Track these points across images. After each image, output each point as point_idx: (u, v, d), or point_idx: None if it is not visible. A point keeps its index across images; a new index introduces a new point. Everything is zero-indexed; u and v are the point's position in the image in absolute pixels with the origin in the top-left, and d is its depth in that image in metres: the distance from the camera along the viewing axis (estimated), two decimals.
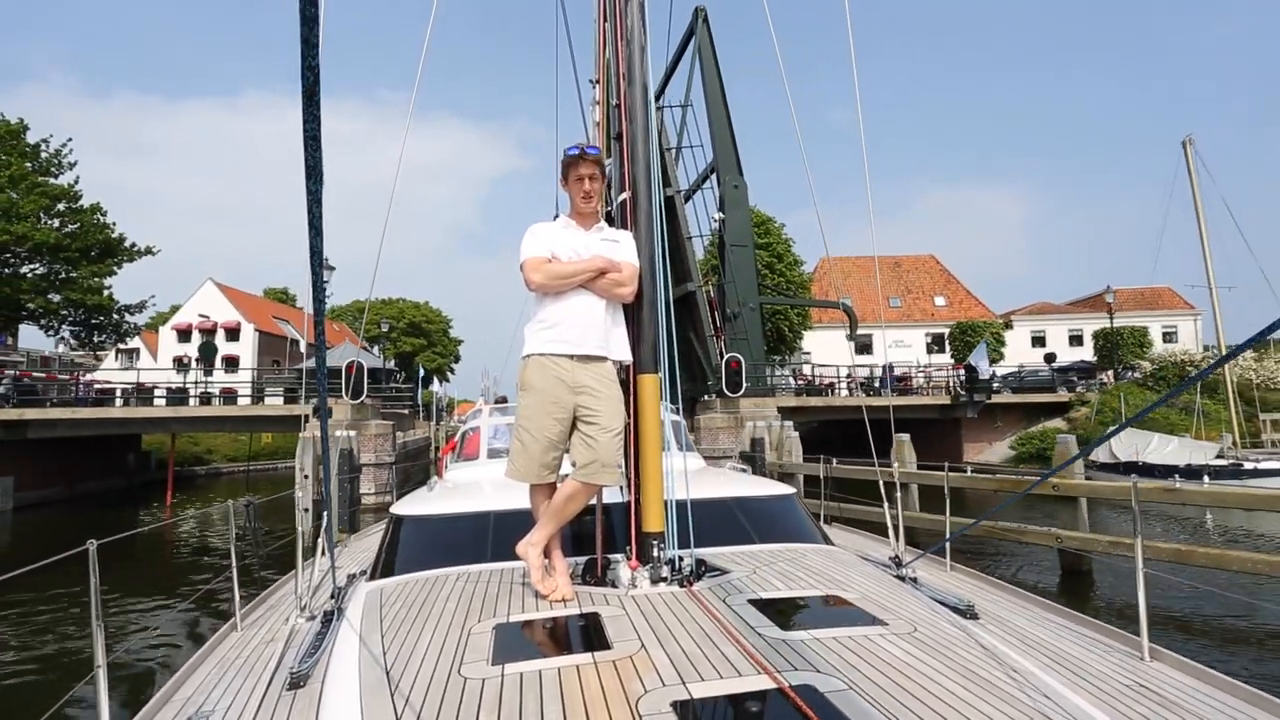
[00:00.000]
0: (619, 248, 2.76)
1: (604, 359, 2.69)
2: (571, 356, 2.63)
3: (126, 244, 26.96)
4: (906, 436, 11.18)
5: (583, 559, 2.83)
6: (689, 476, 2.86)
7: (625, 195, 2.96)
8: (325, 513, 3.34)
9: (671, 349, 2.90)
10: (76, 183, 26.05)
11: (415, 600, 2.55)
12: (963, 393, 21.42)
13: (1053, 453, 21.17)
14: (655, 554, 2.63)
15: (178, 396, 22.53)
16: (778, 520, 3.45)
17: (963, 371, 22.69)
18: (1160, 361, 22.29)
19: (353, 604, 2.71)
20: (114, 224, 26.58)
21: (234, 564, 3.27)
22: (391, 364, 35.72)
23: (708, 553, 2.91)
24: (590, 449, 2.56)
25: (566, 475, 2.65)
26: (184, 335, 45.40)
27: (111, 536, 2.59)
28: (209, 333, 44.97)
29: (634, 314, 2.83)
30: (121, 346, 30.01)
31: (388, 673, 1.92)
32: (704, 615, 2.20)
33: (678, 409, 3.24)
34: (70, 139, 26.85)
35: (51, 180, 25.72)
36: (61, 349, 44.48)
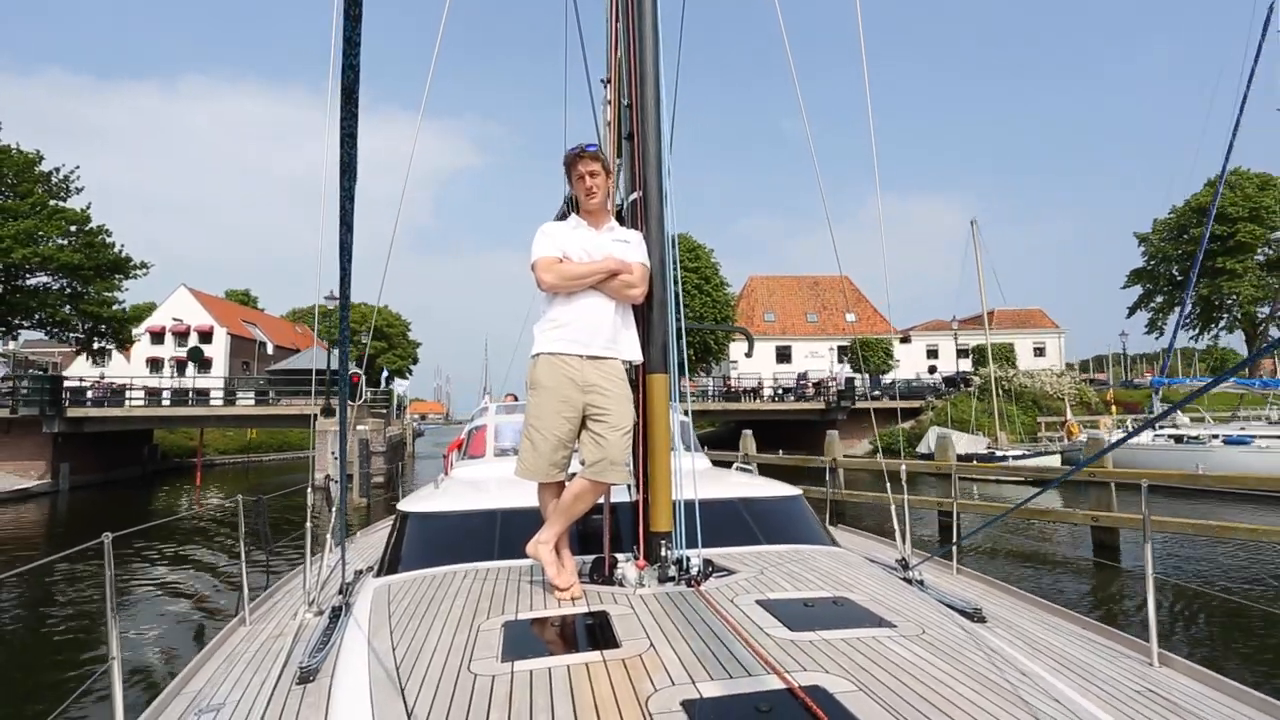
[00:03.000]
0: (630, 248, 2.78)
1: (613, 358, 2.71)
2: (581, 356, 2.66)
3: (131, 262, 30.61)
4: (749, 431, 16.45)
5: (590, 558, 2.84)
6: (696, 477, 2.87)
7: (636, 195, 2.98)
8: (335, 509, 3.26)
9: (681, 349, 2.92)
10: (89, 207, 29.57)
11: (424, 597, 2.59)
12: (834, 400, 27.55)
13: (898, 446, 27.30)
14: (663, 553, 2.67)
15: (181, 398, 26.74)
16: (784, 521, 3.51)
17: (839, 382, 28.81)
18: (984, 378, 28.74)
19: (361, 600, 2.76)
20: (123, 245, 30.17)
21: (243, 558, 3.33)
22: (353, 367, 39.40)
23: (714, 553, 2.93)
24: (599, 447, 2.59)
25: (575, 474, 2.67)
26: (157, 338, 48.19)
27: (127, 529, 2.69)
28: (182, 335, 47.99)
29: (644, 314, 2.86)
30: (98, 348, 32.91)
31: (397, 668, 1.95)
32: (712, 615, 2.22)
33: (687, 409, 3.31)
34: (78, 166, 30.32)
35: (64, 205, 29.19)
36: (13, 346, 46.56)
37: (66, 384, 23.12)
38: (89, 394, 24.61)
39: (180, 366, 45.25)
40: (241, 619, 3.17)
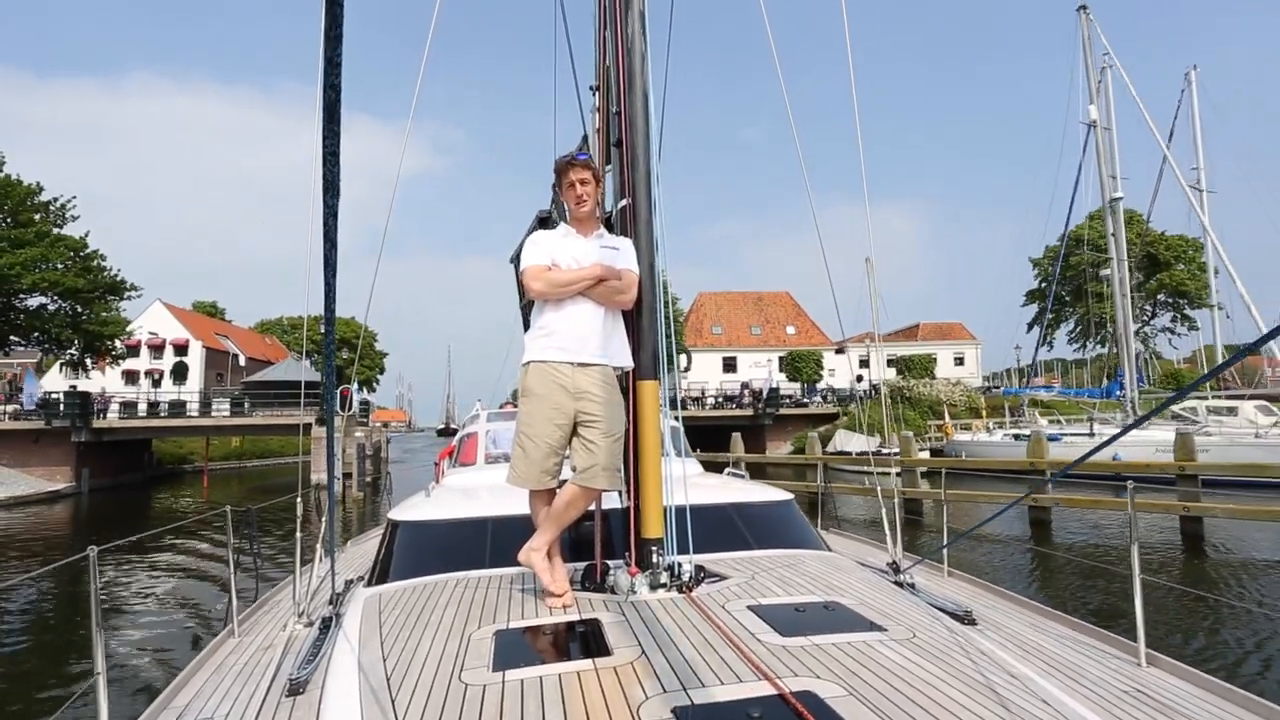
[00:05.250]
0: (619, 255, 2.81)
1: (603, 365, 2.73)
2: (572, 363, 2.68)
3: (125, 285, 33.23)
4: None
5: (582, 565, 2.84)
6: (687, 482, 2.87)
7: (625, 202, 3.00)
8: (325, 520, 3.25)
9: (671, 355, 2.91)
10: (87, 234, 32.10)
11: (414, 606, 2.58)
12: (761, 408, 32.02)
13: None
14: (655, 560, 2.68)
15: (177, 410, 29.61)
16: (776, 526, 3.55)
17: (763, 392, 33.32)
18: (890, 386, 33.61)
19: (351, 610, 2.74)
20: (119, 269, 32.79)
21: (232, 568, 3.37)
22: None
23: (706, 559, 2.93)
24: (590, 453, 2.60)
25: (566, 480, 2.67)
26: (132, 351, 50.01)
27: (112, 542, 2.67)
28: (158, 349, 50.02)
29: (633, 321, 2.87)
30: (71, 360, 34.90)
31: (388, 679, 1.94)
32: (704, 621, 2.23)
33: (677, 415, 3.42)
34: (74, 196, 32.81)
35: (62, 231, 31.69)
36: None
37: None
38: (95, 406, 27.46)
39: (158, 379, 47.37)
40: (231, 630, 3.18)
